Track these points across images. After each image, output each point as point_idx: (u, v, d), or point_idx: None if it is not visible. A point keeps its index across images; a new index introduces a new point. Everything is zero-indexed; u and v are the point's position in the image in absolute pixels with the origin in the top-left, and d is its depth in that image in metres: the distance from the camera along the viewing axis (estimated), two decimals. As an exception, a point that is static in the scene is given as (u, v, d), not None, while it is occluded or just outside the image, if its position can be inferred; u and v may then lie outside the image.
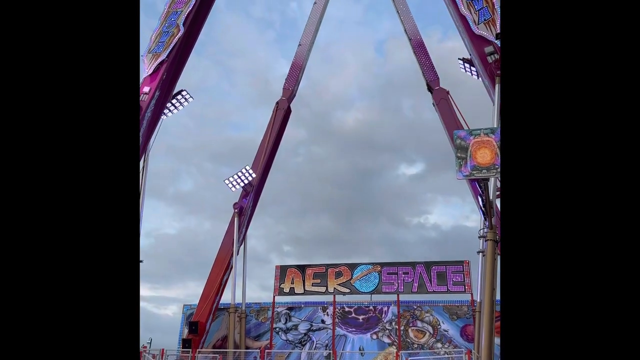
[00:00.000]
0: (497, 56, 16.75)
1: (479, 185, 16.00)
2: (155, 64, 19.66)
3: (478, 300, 21.39)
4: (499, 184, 16.06)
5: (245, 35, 71.55)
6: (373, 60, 68.38)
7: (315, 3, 30.34)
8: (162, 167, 56.50)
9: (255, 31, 73.85)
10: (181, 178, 65.29)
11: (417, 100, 58.80)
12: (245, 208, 25.37)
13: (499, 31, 17.41)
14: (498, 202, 17.00)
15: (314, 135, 62.26)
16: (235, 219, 24.72)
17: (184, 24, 20.67)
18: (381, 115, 62.70)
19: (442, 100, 24.81)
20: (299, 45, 29.69)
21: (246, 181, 24.66)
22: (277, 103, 28.06)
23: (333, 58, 66.03)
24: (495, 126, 15.45)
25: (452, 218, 68.34)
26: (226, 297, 24.40)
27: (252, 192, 25.68)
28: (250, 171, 24.68)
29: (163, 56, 19.86)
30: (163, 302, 64.88)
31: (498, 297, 14.56)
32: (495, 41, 17.40)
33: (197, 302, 24.13)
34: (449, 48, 51.75)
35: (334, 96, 64.41)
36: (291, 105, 28.44)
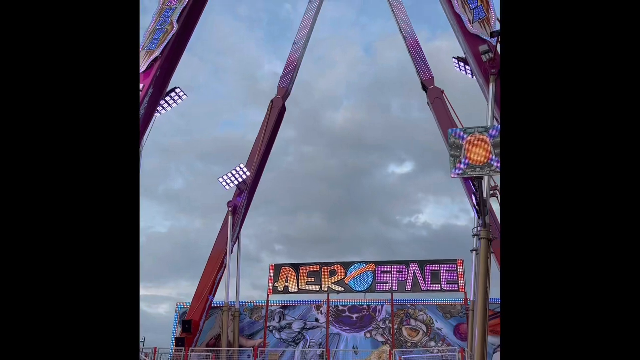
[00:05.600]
0: (491, 55, 16.74)
1: (472, 184, 15.99)
2: (149, 61, 19.51)
3: (472, 299, 21.44)
4: (492, 183, 16.06)
5: (233, 33, 71.32)
6: (362, 60, 68.55)
7: (310, 1, 30.23)
8: (153, 165, 56.18)
9: (243, 29, 73.70)
10: (171, 177, 64.95)
11: (405, 100, 59.01)
12: (239, 207, 25.27)
13: (493, 30, 17.41)
14: (492, 201, 16.99)
15: (303, 134, 62.23)
16: (230, 217, 24.63)
17: (177, 21, 20.55)
18: (370, 114, 62.82)
19: (436, 99, 24.83)
20: (294, 43, 29.60)
21: (240, 180, 24.54)
22: (272, 101, 27.96)
23: (322, 57, 66.04)
24: (489, 125, 15.45)
25: (442, 217, 68.46)
26: (219, 296, 24.31)
27: (247, 191, 25.59)
28: (245, 169, 24.58)
29: (157, 53, 19.72)
30: (155, 301, 64.55)
31: (492, 295, 14.54)
32: (490, 40, 17.40)
33: (189, 301, 24.02)
34: (437, 47, 51.97)
35: (323, 95, 64.46)
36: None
